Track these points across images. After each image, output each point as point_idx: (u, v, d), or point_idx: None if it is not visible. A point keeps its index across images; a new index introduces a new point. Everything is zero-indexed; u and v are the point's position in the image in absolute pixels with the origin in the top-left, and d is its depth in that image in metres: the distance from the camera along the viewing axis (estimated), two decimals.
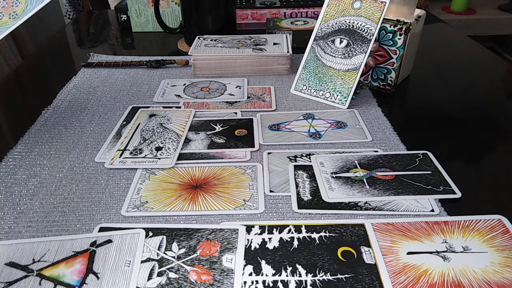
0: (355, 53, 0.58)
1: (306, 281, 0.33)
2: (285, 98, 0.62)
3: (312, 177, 0.45)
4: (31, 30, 1.40)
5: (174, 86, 0.66)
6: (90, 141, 0.52)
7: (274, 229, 0.38)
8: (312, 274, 0.34)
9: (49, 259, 0.35)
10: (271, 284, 0.33)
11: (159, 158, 0.48)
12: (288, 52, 0.68)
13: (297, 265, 0.35)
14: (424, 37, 0.68)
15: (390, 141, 0.51)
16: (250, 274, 0.34)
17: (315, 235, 0.37)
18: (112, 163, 0.47)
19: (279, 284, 0.33)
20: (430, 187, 0.43)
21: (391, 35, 0.59)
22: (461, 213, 0.40)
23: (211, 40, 0.72)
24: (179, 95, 0.63)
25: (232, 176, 0.45)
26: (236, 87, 0.65)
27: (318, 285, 0.33)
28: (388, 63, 0.61)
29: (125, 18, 0.92)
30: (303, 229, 0.38)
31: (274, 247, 0.36)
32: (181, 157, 0.48)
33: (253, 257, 0.35)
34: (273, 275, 0.34)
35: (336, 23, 0.60)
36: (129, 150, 0.49)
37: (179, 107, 0.59)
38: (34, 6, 0.41)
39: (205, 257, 0.35)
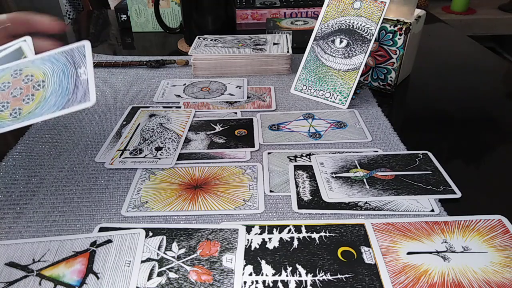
0: (355, 53, 0.58)
1: (306, 281, 0.33)
2: (285, 98, 0.62)
3: (312, 177, 0.45)
4: None
5: (174, 86, 0.66)
6: (90, 141, 0.52)
7: (274, 229, 0.38)
8: (312, 274, 0.34)
9: (49, 259, 0.35)
10: (271, 284, 0.33)
11: (159, 158, 0.48)
12: (288, 52, 0.68)
13: (297, 265, 0.35)
14: (424, 37, 0.68)
15: (390, 141, 0.51)
16: (250, 274, 0.34)
17: (315, 235, 0.37)
18: (112, 163, 0.47)
19: (279, 284, 0.33)
20: (430, 187, 0.43)
21: (391, 35, 0.59)
22: (461, 213, 0.40)
23: (211, 40, 0.72)
24: (179, 95, 0.63)
25: (232, 176, 0.45)
26: (236, 87, 0.65)
27: (318, 285, 0.33)
28: (388, 63, 0.61)
29: (125, 18, 0.92)
30: (303, 229, 0.38)
31: (274, 247, 0.36)
32: (181, 157, 0.48)
33: (253, 257, 0.35)
34: (273, 275, 0.34)
35: (336, 23, 0.60)
36: (129, 150, 0.49)
37: (179, 107, 0.59)
38: (41, 113, 0.34)
39: (205, 257, 0.35)
